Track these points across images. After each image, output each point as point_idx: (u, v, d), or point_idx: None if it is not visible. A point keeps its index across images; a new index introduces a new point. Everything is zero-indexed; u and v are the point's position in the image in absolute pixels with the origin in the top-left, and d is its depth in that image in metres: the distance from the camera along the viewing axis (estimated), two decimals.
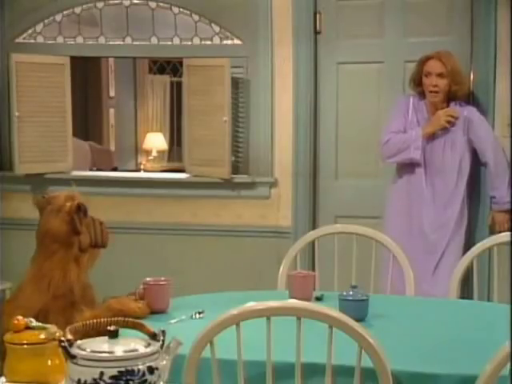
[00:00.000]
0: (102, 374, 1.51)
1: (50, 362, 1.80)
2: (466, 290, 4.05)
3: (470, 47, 4.65)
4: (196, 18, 5.04)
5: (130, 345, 1.57)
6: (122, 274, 4.59)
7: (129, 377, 1.52)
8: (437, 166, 4.43)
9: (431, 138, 4.43)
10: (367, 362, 2.06)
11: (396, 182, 4.57)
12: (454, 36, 4.68)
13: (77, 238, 2.74)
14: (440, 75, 4.38)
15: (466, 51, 4.64)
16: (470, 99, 4.61)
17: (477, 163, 4.52)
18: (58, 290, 2.68)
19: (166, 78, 10.10)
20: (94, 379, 1.51)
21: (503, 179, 4.46)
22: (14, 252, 5.08)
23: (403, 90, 4.74)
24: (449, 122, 4.40)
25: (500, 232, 4.30)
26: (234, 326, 2.09)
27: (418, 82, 4.47)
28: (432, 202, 4.43)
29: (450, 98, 4.45)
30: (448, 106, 4.47)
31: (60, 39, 5.23)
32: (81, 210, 2.76)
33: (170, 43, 5.12)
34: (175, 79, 9.79)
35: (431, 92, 4.41)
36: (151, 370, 1.55)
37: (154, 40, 5.14)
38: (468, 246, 4.31)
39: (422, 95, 4.49)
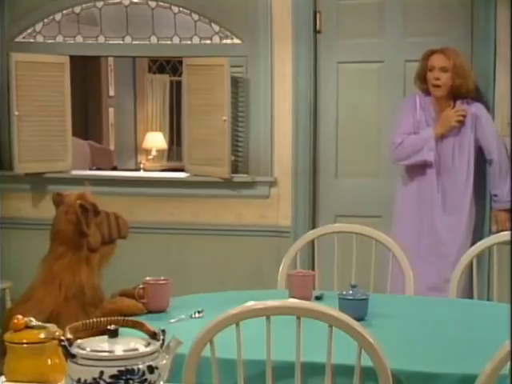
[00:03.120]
0: (101, 373, 1.51)
1: (49, 362, 1.80)
2: (465, 289, 4.05)
3: (470, 47, 4.64)
4: (196, 17, 5.04)
5: (129, 344, 1.56)
6: (121, 273, 4.57)
7: (129, 376, 1.52)
8: (447, 166, 4.40)
9: (440, 138, 4.41)
10: (367, 362, 2.06)
11: (406, 184, 4.52)
12: (454, 36, 4.67)
13: (85, 240, 2.73)
14: (443, 69, 4.36)
15: (466, 51, 4.63)
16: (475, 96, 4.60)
17: (481, 162, 4.51)
18: (69, 291, 2.67)
19: (166, 78, 10.10)
20: (94, 378, 1.51)
21: (505, 178, 4.44)
22: (13, 251, 5.09)
23: (403, 90, 4.74)
24: (459, 122, 4.38)
25: (501, 231, 4.30)
26: (234, 326, 2.09)
27: (422, 78, 4.44)
28: (443, 204, 4.40)
29: (455, 94, 4.42)
30: (454, 103, 4.45)
31: (60, 38, 5.22)
32: (88, 210, 2.75)
33: (169, 42, 5.11)
34: (175, 78, 9.79)
35: (434, 86, 4.39)
36: (151, 369, 1.55)
37: (153, 39, 5.13)
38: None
39: (427, 93, 4.47)
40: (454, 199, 4.41)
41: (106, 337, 1.58)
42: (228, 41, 5.01)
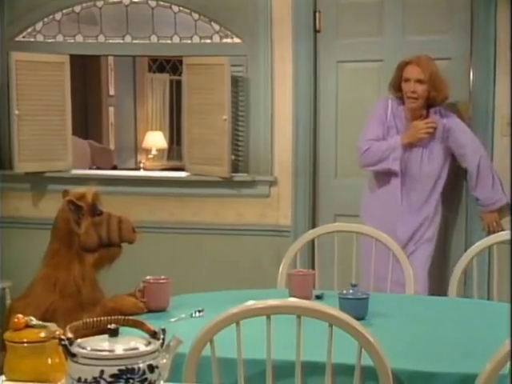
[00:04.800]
0: (102, 372, 1.51)
1: (50, 361, 1.79)
2: (465, 289, 4.06)
3: (469, 46, 4.64)
4: (196, 16, 5.04)
5: (130, 343, 1.56)
6: (121, 272, 4.58)
7: (129, 375, 1.52)
8: (414, 175, 4.39)
9: (408, 147, 4.40)
10: (367, 361, 2.06)
11: (373, 190, 4.53)
12: (454, 35, 4.67)
13: (76, 238, 2.73)
14: (418, 81, 4.32)
15: (465, 50, 4.64)
16: (468, 101, 4.61)
17: (458, 169, 4.50)
18: (64, 289, 2.67)
19: (166, 77, 10.10)
20: (94, 378, 1.51)
21: (484, 183, 4.43)
22: (13, 251, 5.09)
23: None
24: (427, 133, 4.36)
25: (490, 231, 4.34)
26: (234, 325, 2.09)
27: (397, 87, 4.43)
28: (407, 211, 4.40)
29: (430, 103, 4.41)
30: (427, 112, 4.42)
31: (60, 38, 5.22)
32: (81, 208, 2.75)
33: (169, 42, 5.11)
34: (175, 78, 9.80)
35: (409, 98, 4.37)
36: (151, 368, 1.55)
37: (153, 38, 5.13)
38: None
39: (401, 100, 4.45)
40: (417, 205, 4.40)
41: (106, 336, 1.58)
42: (228, 40, 5.01)
